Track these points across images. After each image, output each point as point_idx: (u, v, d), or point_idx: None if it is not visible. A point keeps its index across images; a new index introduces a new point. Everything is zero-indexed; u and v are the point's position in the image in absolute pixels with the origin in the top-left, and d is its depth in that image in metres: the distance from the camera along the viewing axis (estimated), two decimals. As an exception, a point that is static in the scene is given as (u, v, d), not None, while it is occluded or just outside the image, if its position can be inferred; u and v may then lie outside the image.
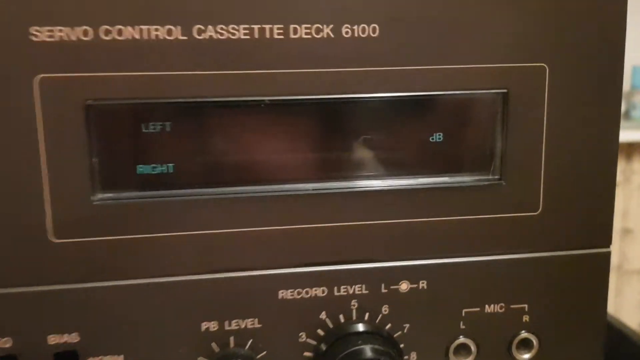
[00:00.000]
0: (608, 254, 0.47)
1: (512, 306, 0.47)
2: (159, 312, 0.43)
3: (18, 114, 0.38)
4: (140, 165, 0.41)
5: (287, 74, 0.41)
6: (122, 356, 0.43)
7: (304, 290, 0.44)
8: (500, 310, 0.46)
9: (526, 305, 0.47)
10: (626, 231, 2.29)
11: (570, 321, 0.48)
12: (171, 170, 0.41)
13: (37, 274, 0.41)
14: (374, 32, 0.41)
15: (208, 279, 0.43)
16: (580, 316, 0.48)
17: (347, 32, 0.41)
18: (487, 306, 0.46)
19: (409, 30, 0.41)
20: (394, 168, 0.44)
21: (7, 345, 0.41)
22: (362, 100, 0.42)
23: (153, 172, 0.41)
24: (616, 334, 0.63)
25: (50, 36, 0.38)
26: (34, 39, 0.38)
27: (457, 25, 0.42)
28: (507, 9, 0.42)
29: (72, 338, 0.42)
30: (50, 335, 0.42)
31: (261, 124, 0.43)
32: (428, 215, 0.44)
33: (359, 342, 0.43)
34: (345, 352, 0.43)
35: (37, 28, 0.38)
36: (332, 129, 0.44)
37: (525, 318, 0.47)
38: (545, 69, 0.43)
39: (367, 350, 0.43)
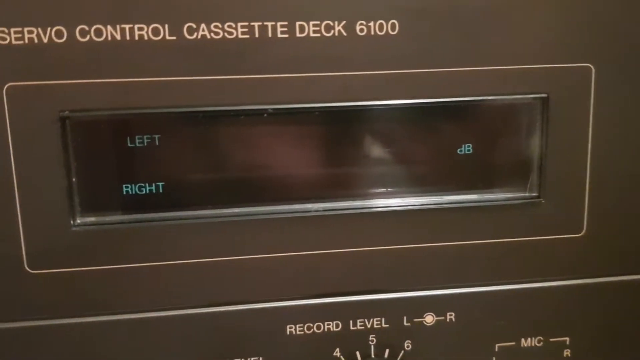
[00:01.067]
0: (662, 281, 0.43)
1: (551, 339, 0.43)
2: (150, 351, 0.39)
3: (-16, 128, 0.35)
4: (126, 185, 0.37)
5: (293, 78, 0.36)
6: (107, 401, 0.39)
7: (315, 324, 0.40)
8: (538, 344, 0.43)
9: (568, 339, 0.43)
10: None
11: (618, 356, 0.43)
12: (161, 190, 0.38)
13: (12, 309, 0.37)
14: (393, 29, 0.36)
15: (205, 313, 0.39)
16: (630, 351, 0.43)
17: (361, 30, 0.36)
18: (523, 340, 0.42)
19: (434, 27, 0.37)
20: (416, 184, 0.40)
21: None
22: (380, 108, 0.38)
23: (140, 192, 0.37)
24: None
25: (19, 39, 0.34)
26: (1, 42, 0.34)
27: (489, 20, 0.37)
28: (547, 2, 0.37)
29: (52, 380, 0.38)
30: (28, 377, 0.38)
31: (264, 136, 0.38)
32: (456, 238, 0.40)
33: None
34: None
35: (4, 30, 0.34)
36: (345, 141, 0.39)
37: (567, 352, 0.43)
38: (591, 70, 0.39)
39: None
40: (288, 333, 0.40)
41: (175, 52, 0.35)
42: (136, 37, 0.35)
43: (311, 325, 0.40)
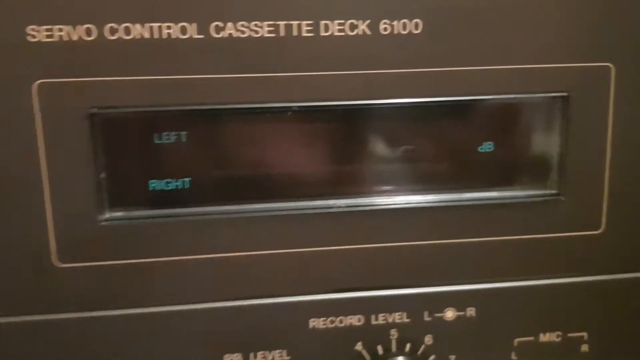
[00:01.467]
0: (680, 277, 0.42)
1: (569, 335, 0.43)
2: (176, 343, 0.39)
3: (15, 124, 0.35)
4: (153, 181, 0.38)
5: (317, 76, 0.36)
6: (134, 393, 0.39)
7: (338, 318, 0.40)
8: (556, 339, 0.43)
9: (585, 334, 0.43)
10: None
11: (635, 352, 0.43)
12: (187, 186, 0.38)
13: (41, 302, 0.38)
14: (416, 28, 0.37)
15: (231, 306, 0.39)
16: (647, 346, 0.43)
17: (385, 29, 0.36)
18: (541, 335, 0.42)
19: (456, 26, 0.37)
20: (437, 182, 0.40)
21: (9, 379, 0.38)
22: (403, 106, 0.38)
23: (167, 188, 0.38)
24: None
25: (49, 36, 0.34)
26: (31, 39, 0.34)
27: (511, 20, 0.37)
28: (568, 1, 0.37)
29: (80, 372, 0.38)
30: (57, 369, 0.38)
31: (288, 133, 0.38)
32: (476, 235, 0.40)
33: (399, 376, 0.40)
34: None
35: (35, 27, 0.34)
36: (369, 138, 0.39)
37: (584, 348, 0.43)
38: (611, 70, 0.39)
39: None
40: (311, 327, 0.40)
41: (202, 51, 0.35)
42: (164, 36, 0.35)
43: (334, 319, 0.40)
